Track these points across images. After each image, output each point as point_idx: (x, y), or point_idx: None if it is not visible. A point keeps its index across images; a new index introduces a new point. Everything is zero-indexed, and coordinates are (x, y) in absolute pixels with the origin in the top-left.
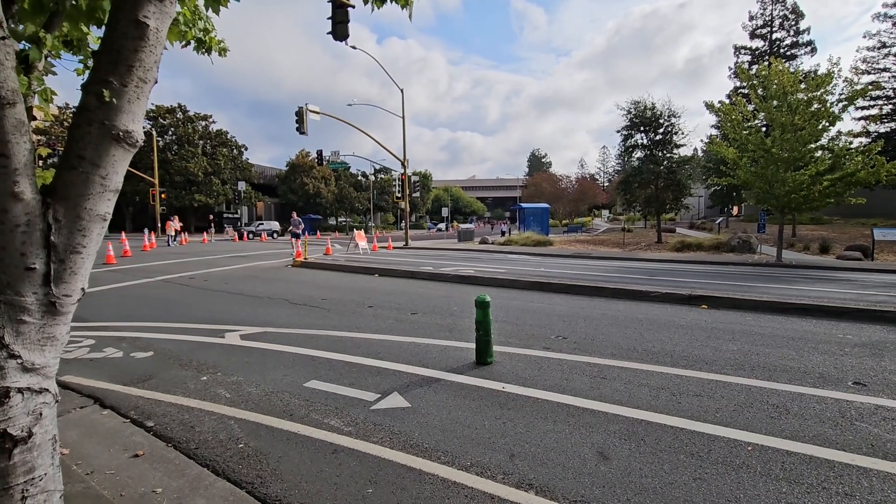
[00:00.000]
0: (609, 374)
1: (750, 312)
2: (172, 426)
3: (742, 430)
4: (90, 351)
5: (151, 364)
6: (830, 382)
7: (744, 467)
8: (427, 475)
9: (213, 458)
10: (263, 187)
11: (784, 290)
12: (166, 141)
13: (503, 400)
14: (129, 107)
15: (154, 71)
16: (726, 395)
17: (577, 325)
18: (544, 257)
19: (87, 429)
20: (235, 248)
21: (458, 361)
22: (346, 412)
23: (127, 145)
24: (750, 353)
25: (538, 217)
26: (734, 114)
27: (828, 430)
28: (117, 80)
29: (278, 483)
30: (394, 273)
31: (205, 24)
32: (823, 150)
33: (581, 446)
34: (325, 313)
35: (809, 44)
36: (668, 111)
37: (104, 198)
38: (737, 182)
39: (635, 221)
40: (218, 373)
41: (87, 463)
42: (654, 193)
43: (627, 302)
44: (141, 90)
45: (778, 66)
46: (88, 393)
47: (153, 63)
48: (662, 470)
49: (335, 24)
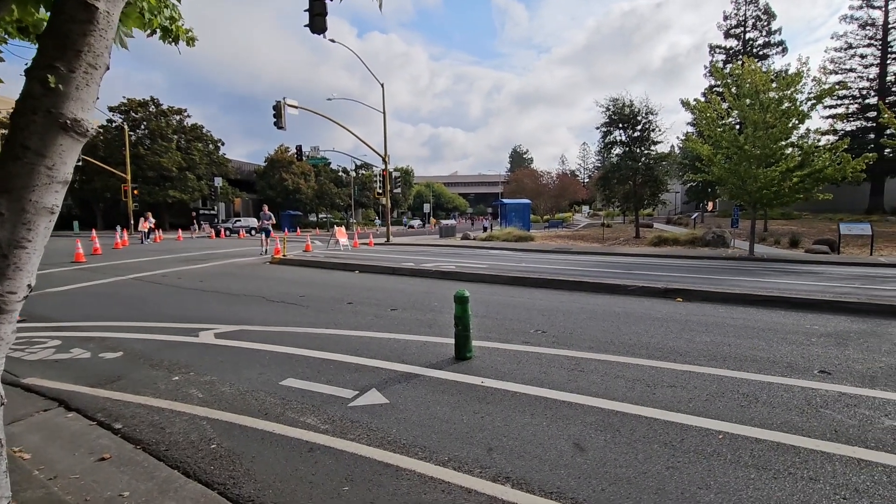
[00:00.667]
0: (586, 366)
1: (722, 305)
2: (142, 428)
3: (713, 419)
4: (56, 352)
5: (120, 364)
6: (797, 371)
7: (715, 455)
8: (404, 471)
9: (183, 460)
10: (241, 183)
11: (755, 283)
12: (138, 135)
13: (482, 394)
14: (78, 94)
15: (105, 57)
16: (699, 385)
17: (557, 319)
18: (525, 252)
19: (50, 432)
20: (212, 245)
21: (437, 357)
22: (323, 410)
23: (76, 134)
24: (722, 344)
25: (519, 213)
26: (709, 111)
27: (794, 418)
28: (64, 66)
29: (252, 483)
30: (374, 269)
31: (171, 12)
32: (793, 147)
33: (558, 438)
34: (304, 310)
35: (781, 44)
36: (645, 108)
37: (51, 190)
38: (711, 178)
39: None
40: (190, 372)
41: (49, 468)
42: (632, 189)
43: (606, 296)
44: (90, 76)
45: (751, 65)
46: (53, 395)
47: (104, 48)
48: (636, 459)
49: (313, 17)
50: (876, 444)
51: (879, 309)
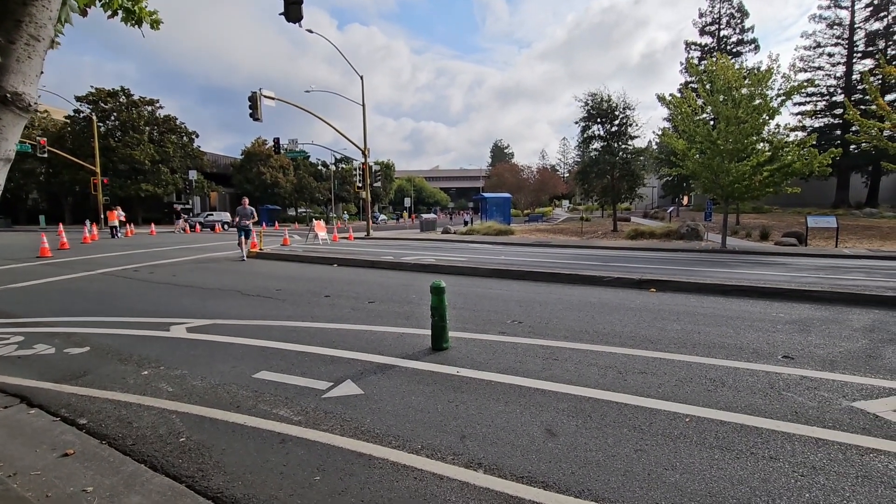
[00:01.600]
0: (561, 355)
1: (694, 294)
2: (108, 423)
3: (681, 404)
4: (18, 348)
5: (87, 360)
6: (762, 357)
7: (681, 438)
8: (377, 460)
9: (151, 454)
10: (217, 176)
11: (727, 274)
12: (108, 127)
13: (457, 384)
14: (19, 66)
15: (49, 28)
16: (668, 371)
17: (533, 310)
18: (505, 246)
19: (10, 429)
20: (186, 239)
21: (413, 348)
22: (297, 401)
23: (17, 109)
24: (692, 332)
25: (500, 207)
26: (684, 107)
27: (758, 401)
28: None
29: (221, 475)
30: (353, 263)
31: None
32: (764, 142)
33: (530, 425)
34: (280, 304)
35: (753, 41)
36: (623, 104)
37: None
38: (686, 172)
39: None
40: (161, 367)
41: (9, 465)
42: (610, 183)
43: (582, 287)
44: (33, 48)
45: (724, 61)
46: (14, 392)
47: (47, 20)
48: (606, 443)
49: (288, 5)
50: (833, 424)
51: (841, 297)
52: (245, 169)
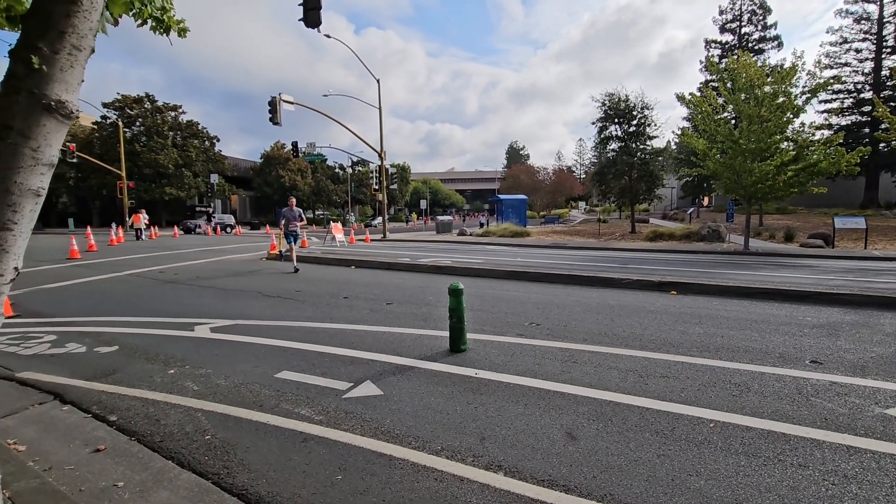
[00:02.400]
0: (580, 358)
1: (717, 297)
2: (137, 420)
3: (705, 409)
4: (51, 346)
5: (116, 358)
6: (789, 361)
7: (705, 443)
8: (397, 460)
9: (178, 451)
10: (237, 180)
11: (750, 276)
12: (134, 132)
13: (475, 386)
14: (62, 75)
15: (90, 38)
16: (691, 375)
17: (551, 312)
18: (521, 248)
19: (45, 425)
20: (208, 241)
21: (431, 349)
22: (318, 401)
23: (60, 116)
24: (715, 336)
25: (516, 209)
26: (704, 106)
27: (785, 406)
28: (47, 47)
29: (245, 473)
30: (370, 264)
31: (162, 2)
32: (788, 141)
33: (550, 428)
34: (299, 305)
35: (776, 38)
36: (641, 103)
37: (36, 171)
38: (707, 173)
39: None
40: (186, 366)
41: (44, 459)
42: (628, 184)
43: (600, 289)
44: (75, 58)
45: (746, 59)
46: (48, 389)
47: (88, 30)
48: (628, 448)
49: (307, 11)
50: (866, 431)
51: (871, 300)
52: (264, 172)
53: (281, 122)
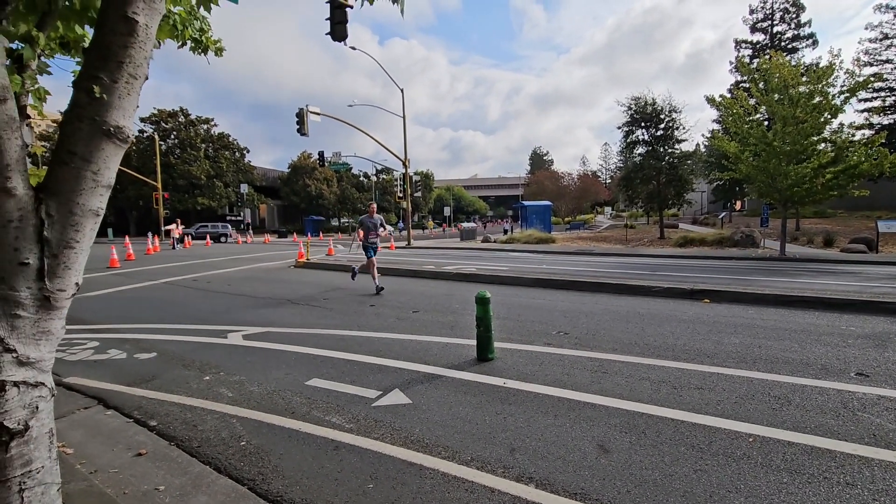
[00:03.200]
0: (610, 368)
1: (752, 306)
2: (175, 425)
3: (743, 422)
4: (94, 353)
5: (155, 365)
6: (833, 374)
7: (744, 458)
8: (427, 470)
9: (215, 456)
10: (266, 189)
11: (787, 284)
12: (169, 145)
13: (504, 395)
14: (120, 102)
15: (144, 67)
16: (728, 387)
17: (579, 321)
18: (546, 255)
19: (91, 429)
20: (238, 250)
21: (459, 358)
22: (348, 409)
23: (118, 141)
24: (752, 346)
25: (540, 215)
26: (735, 108)
27: (829, 421)
28: (107, 77)
29: (280, 479)
30: (396, 272)
31: (201, 24)
32: (826, 142)
33: (581, 440)
34: (327, 312)
35: (811, 36)
36: (668, 106)
37: (96, 193)
38: (739, 176)
39: (638, 218)
40: (220, 372)
41: (90, 462)
42: (656, 189)
43: (629, 297)
44: (131, 86)
45: (779, 59)
46: (93, 394)
47: (143, 59)
48: (663, 462)
49: (334, 25)
50: None
51: None
52: (292, 181)
53: (308, 133)
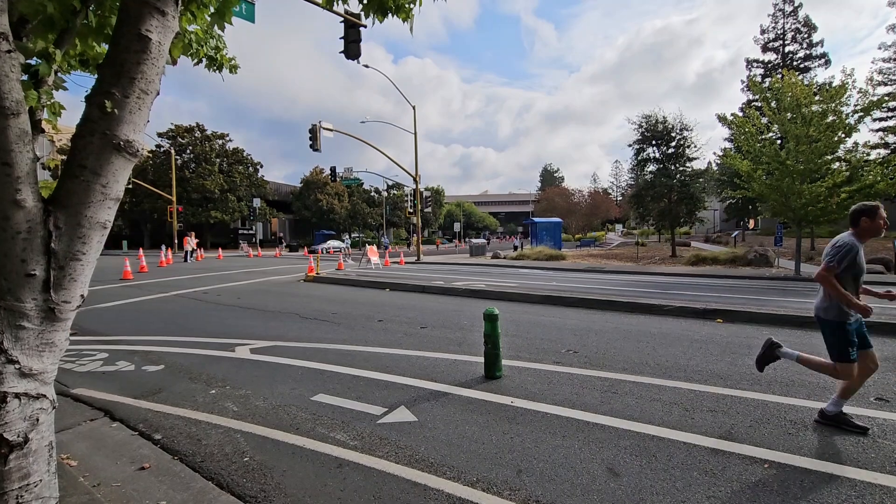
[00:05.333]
0: (620, 388)
1: (767, 326)
2: (179, 439)
3: (758, 447)
4: (103, 364)
5: (162, 377)
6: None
7: (760, 485)
8: (432, 490)
9: (218, 472)
10: (278, 203)
11: (803, 304)
12: (184, 159)
13: (511, 414)
14: (131, 117)
15: (156, 83)
16: (742, 410)
17: (589, 339)
18: (556, 271)
19: (96, 441)
20: (249, 263)
21: (466, 375)
22: (353, 426)
23: (128, 154)
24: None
25: (550, 231)
26: (747, 126)
27: (849, 447)
28: (119, 92)
29: (282, 497)
30: (404, 287)
31: (216, 42)
32: (840, 161)
33: (590, 462)
34: (335, 327)
35: (823, 56)
36: (680, 124)
37: (104, 206)
38: (752, 195)
39: (649, 235)
40: (227, 386)
41: (94, 475)
42: (667, 207)
43: (640, 316)
44: (142, 101)
45: (791, 78)
46: (99, 405)
47: (155, 75)
48: (675, 487)
49: (347, 44)
50: None
51: None
52: (303, 196)
53: (321, 149)
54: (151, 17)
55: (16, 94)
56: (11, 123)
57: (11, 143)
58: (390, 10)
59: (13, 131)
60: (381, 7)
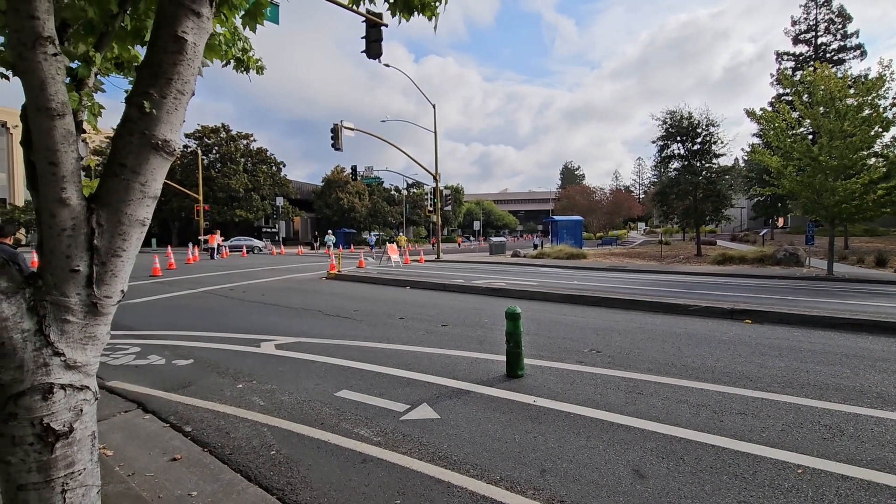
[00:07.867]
0: (645, 389)
1: (798, 328)
2: (209, 432)
3: (791, 452)
4: (136, 358)
5: (191, 371)
6: (891, 403)
7: (793, 491)
8: (455, 488)
9: (246, 464)
10: (300, 202)
11: (836, 305)
12: (210, 159)
13: (534, 413)
14: (168, 117)
15: (192, 83)
16: (773, 413)
17: (612, 339)
18: (577, 270)
19: (129, 432)
20: (273, 261)
21: (488, 374)
22: (376, 422)
23: (165, 154)
24: (799, 371)
25: (571, 230)
26: (777, 121)
27: (888, 454)
28: (157, 92)
29: (308, 490)
30: (425, 285)
31: (244, 44)
32: (877, 157)
33: (615, 463)
34: (357, 324)
35: (858, 47)
36: (706, 120)
37: (143, 204)
38: (782, 192)
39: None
40: (253, 381)
41: (128, 465)
42: (692, 205)
43: (665, 316)
44: (179, 101)
45: (824, 70)
46: (132, 398)
47: (191, 76)
48: (703, 491)
49: (369, 43)
50: None
51: None
52: (325, 195)
53: (342, 148)
54: (187, 18)
55: (61, 97)
56: (57, 124)
57: (57, 143)
58: (416, 9)
59: (59, 132)
60: (407, 5)
